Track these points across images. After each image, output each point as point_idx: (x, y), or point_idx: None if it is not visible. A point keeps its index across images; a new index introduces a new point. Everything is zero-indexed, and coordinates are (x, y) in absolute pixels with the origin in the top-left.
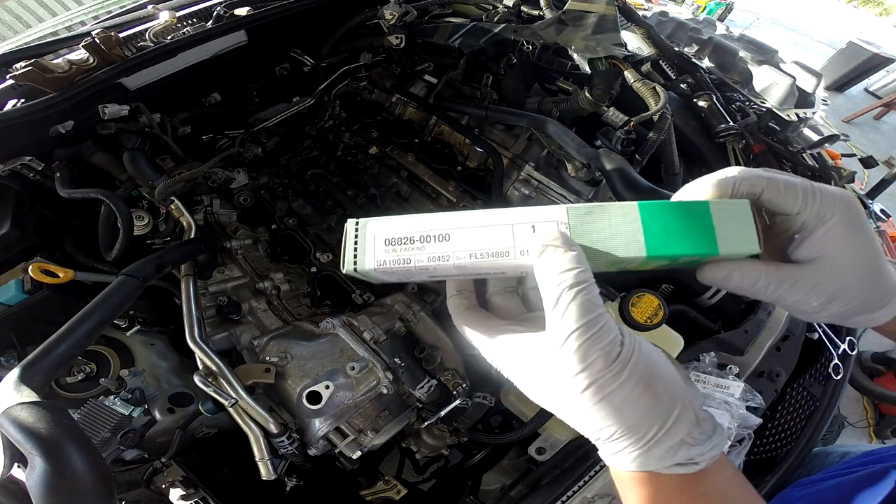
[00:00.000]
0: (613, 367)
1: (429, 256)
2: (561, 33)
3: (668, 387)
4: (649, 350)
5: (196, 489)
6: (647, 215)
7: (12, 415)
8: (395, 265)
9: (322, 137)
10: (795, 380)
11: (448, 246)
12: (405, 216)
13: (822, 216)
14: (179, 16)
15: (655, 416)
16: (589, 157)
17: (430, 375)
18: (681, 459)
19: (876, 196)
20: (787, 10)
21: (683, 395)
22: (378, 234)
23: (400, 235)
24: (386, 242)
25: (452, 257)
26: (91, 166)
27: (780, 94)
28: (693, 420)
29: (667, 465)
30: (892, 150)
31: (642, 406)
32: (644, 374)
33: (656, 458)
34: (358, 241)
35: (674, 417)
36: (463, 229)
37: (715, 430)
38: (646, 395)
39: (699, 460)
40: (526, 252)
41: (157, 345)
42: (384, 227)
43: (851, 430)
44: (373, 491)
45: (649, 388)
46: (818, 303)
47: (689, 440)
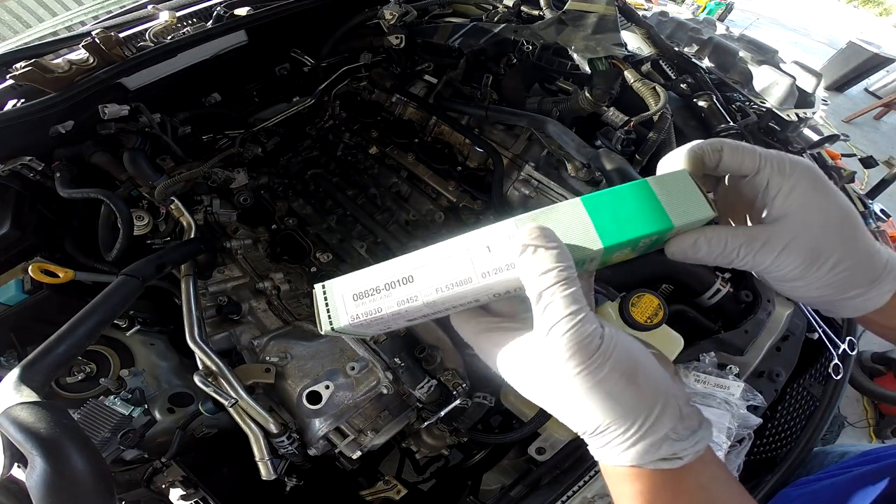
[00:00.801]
0: (595, 358)
1: (398, 301)
2: (561, 33)
3: (651, 381)
4: (630, 345)
5: (196, 489)
6: (592, 207)
7: (12, 415)
8: (368, 316)
9: (322, 137)
10: (795, 380)
11: (413, 287)
12: (367, 269)
13: (783, 172)
14: (179, 16)
15: (639, 410)
16: (589, 157)
17: (430, 375)
18: (664, 454)
19: (876, 196)
20: (787, 10)
21: (667, 390)
22: (345, 291)
23: (365, 288)
24: (354, 297)
25: (420, 296)
26: (91, 166)
27: (780, 94)
28: (677, 415)
29: (650, 460)
30: (892, 150)
31: (626, 399)
32: (626, 368)
33: (640, 452)
34: (329, 302)
35: (657, 412)
36: (423, 267)
37: (700, 424)
38: (629, 389)
39: (683, 455)
40: (488, 274)
41: (157, 345)
42: (349, 284)
43: (851, 430)
44: (373, 491)
45: (632, 382)
46: (797, 263)
47: (673, 435)
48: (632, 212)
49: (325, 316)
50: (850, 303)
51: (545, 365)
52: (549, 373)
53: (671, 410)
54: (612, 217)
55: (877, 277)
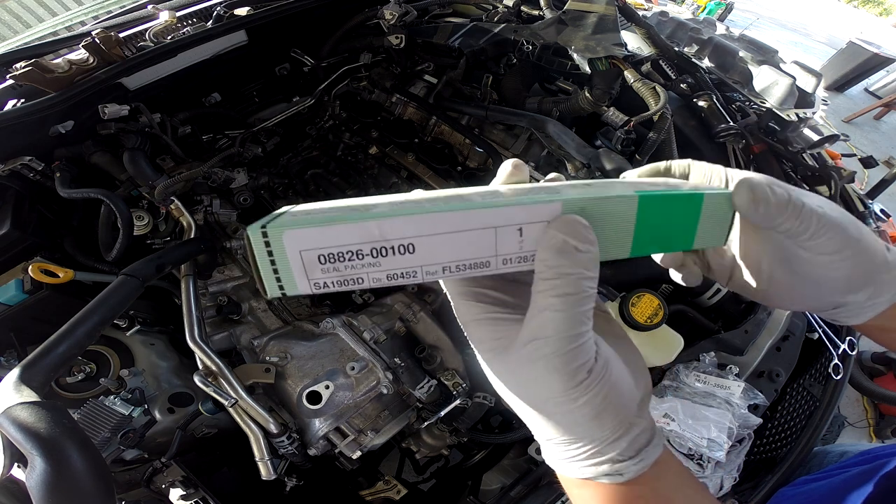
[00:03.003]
0: (574, 391)
1: (388, 274)
2: (561, 33)
3: (619, 414)
4: (616, 376)
5: (196, 489)
6: (644, 210)
7: (12, 415)
8: (339, 286)
9: (322, 137)
10: (795, 380)
11: (412, 259)
12: (337, 211)
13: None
14: (179, 16)
15: (593, 439)
16: (589, 157)
17: (430, 375)
18: (605, 471)
19: (876, 196)
20: (787, 10)
21: (630, 419)
22: (305, 247)
23: (340, 249)
24: (321, 259)
25: (420, 273)
26: (91, 166)
27: (780, 94)
28: (629, 439)
29: (593, 476)
30: (892, 150)
31: (588, 426)
32: (599, 403)
33: (583, 468)
34: (275, 258)
35: (612, 439)
36: (430, 237)
37: (650, 442)
38: (592, 423)
39: (624, 472)
40: (509, 261)
41: (157, 345)
42: (311, 237)
43: (851, 430)
44: (373, 491)
45: (598, 418)
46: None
47: (618, 457)
48: (673, 225)
49: (272, 278)
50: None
51: (528, 375)
52: (529, 383)
53: (627, 437)
54: (653, 226)
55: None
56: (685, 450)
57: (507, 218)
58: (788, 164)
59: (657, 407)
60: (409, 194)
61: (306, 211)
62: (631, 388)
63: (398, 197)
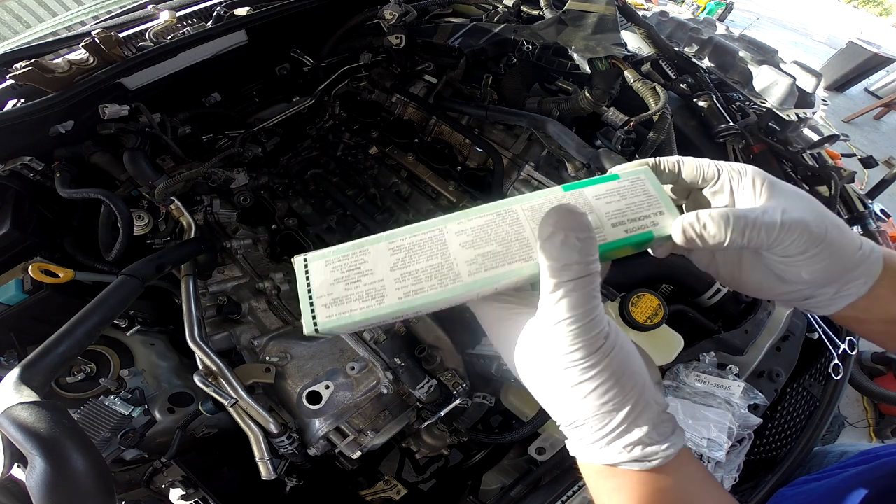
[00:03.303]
0: (594, 356)
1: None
2: (561, 33)
3: (637, 385)
4: (628, 346)
5: (196, 489)
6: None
7: (12, 415)
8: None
9: (322, 137)
10: (795, 380)
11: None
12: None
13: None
14: (179, 16)
15: (619, 411)
16: (589, 157)
17: (430, 375)
18: (636, 456)
19: (876, 196)
20: (787, 10)
21: (649, 395)
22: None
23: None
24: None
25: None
26: (91, 166)
27: (780, 94)
28: (654, 420)
29: (623, 461)
30: (892, 150)
31: (609, 397)
32: (618, 369)
33: (615, 452)
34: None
35: (636, 414)
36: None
37: (674, 431)
38: (615, 389)
39: (653, 458)
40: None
41: (157, 345)
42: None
43: (851, 430)
44: (373, 491)
45: (619, 383)
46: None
47: (647, 439)
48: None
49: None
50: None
51: (545, 352)
52: (546, 360)
53: (649, 415)
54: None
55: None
56: None
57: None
58: (788, 164)
59: None
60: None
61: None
62: (643, 368)
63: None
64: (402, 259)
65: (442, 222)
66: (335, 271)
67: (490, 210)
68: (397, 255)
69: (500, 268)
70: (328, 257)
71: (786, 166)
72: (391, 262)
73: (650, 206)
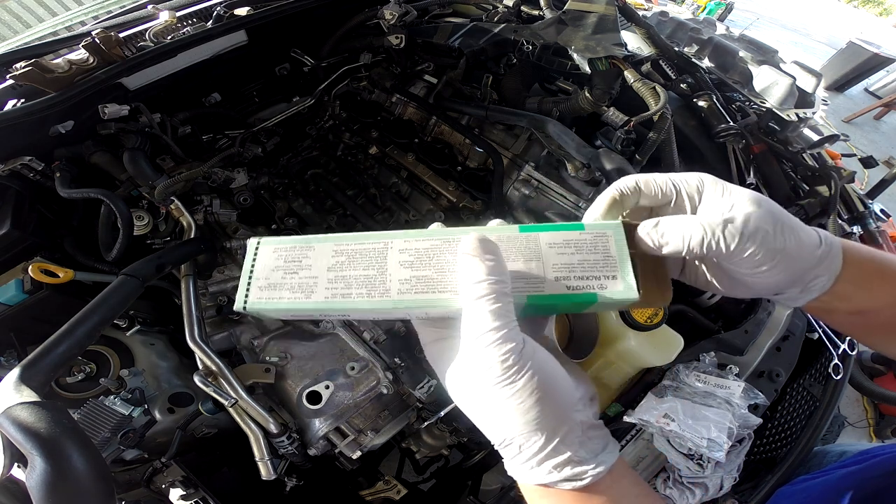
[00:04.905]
0: (510, 375)
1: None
2: (561, 33)
3: (559, 404)
4: (546, 365)
5: (196, 489)
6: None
7: (12, 415)
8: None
9: (322, 137)
10: (795, 380)
11: (347, 314)
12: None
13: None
14: (179, 16)
15: (542, 431)
16: (589, 157)
17: (430, 375)
18: (566, 475)
19: (876, 196)
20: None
21: (572, 414)
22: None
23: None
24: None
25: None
26: (91, 166)
27: (780, 94)
28: (578, 439)
29: (554, 480)
30: (892, 150)
31: (531, 417)
32: (537, 386)
33: (545, 472)
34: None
35: (560, 434)
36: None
37: (605, 447)
38: (535, 408)
39: (584, 477)
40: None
41: (157, 345)
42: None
43: (851, 430)
44: (373, 491)
45: (540, 402)
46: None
47: (575, 458)
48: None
49: (243, 292)
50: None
51: (468, 374)
52: (470, 381)
53: (573, 435)
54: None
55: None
56: (685, 450)
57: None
58: (788, 164)
59: (657, 407)
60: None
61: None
62: (569, 383)
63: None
64: (340, 262)
65: (390, 236)
66: (279, 259)
67: (439, 235)
68: (338, 257)
69: (431, 294)
70: (277, 245)
71: (786, 166)
72: (330, 262)
73: (604, 268)
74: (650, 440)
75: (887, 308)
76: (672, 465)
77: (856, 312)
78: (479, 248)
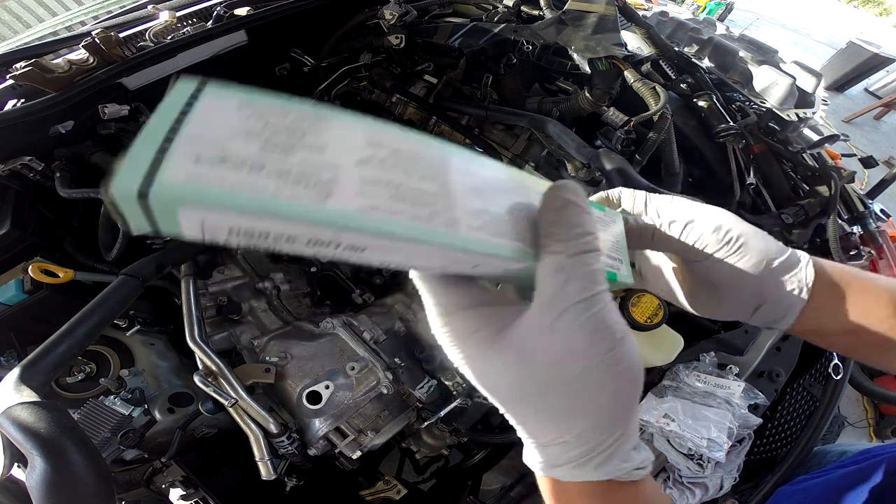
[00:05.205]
0: (617, 350)
1: (315, 252)
2: (561, 33)
3: (635, 394)
4: (635, 348)
5: (196, 489)
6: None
7: (12, 415)
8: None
9: None
10: (795, 380)
11: (357, 255)
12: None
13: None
14: (179, 16)
15: (625, 418)
16: (589, 157)
17: (430, 375)
18: (637, 464)
19: (876, 196)
20: (787, 10)
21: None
22: (209, 223)
23: (263, 232)
24: (230, 231)
25: (360, 259)
26: (91, 166)
27: (780, 94)
28: (635, 429)
29: (625, 471)
30: (892, 150)
31: (625, 403)
32: (625, 372)
33: (617, 463)
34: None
35: (634, 422)
36: (387, 248)
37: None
38: (631, 393)
39: (644, 465)
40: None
41: (157, 345)
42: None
43: (851, 430)
44: (373, 491)
45: (635, 390)
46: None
47: (637, 445)
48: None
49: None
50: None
51: (544, 352)
52: (554, 360)
53: (637, 420)
54: None
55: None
56: (685, 450)
57: (477, 260)
58: (788, 164)
59: (657, 407)
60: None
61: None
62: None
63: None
64: (381, 159)
65: (446, 147)
66: (250, 120)
67: (506, 171)
68: (376, 150)
69: (506, 239)
70: (245, 100)
71: (786, 166)
72: (362, 154)
73: (617, 251)
74: (650, 440)
75: (877, 323)
76: (672, 465)
77: (847, 332)
78: (582, 196)
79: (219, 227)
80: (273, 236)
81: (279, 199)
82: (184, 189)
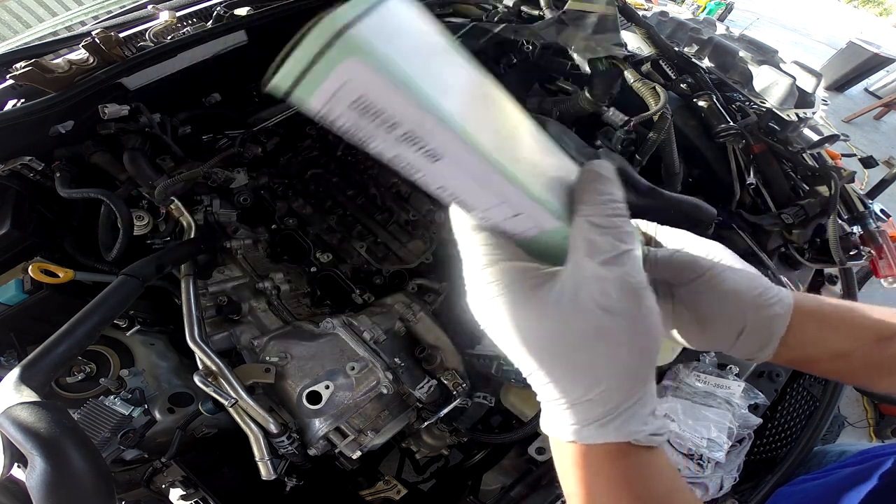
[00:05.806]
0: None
1: (395, 154)
2: (561, 33)
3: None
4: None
5: (196, 489)
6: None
7: (12, 415)
8: (347, 131)
9: (322, 137)
10: (795, 380)
11: (430, 167)
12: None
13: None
14: (179, 16)
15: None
16: (589, 157)
17: (430, 375)
18: (655, 429)
19: (876, 196)
20: (787, 10)
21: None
22: (350, 87)
23: (378, 110)
24: (352, 105)
25: (419, 176)
26: (91, 166)
27: (780, 94)
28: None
29: (644, 434)
30: (892, 150)
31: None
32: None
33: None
34: (312, 70)
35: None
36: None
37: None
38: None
39: (663, 431)
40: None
41: (157, 345)
42: (366, 83)
43: (851, 430)
44: (373, 491)
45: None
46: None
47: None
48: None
49: (292, 76)
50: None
51: (581, 304)
52: (585, 313)
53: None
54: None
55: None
56: (685, 450)
57: (523, 208)
58: (788, 164)
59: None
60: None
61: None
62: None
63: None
64: (481, 94)
65: (522, 111)
66: (428, 31)
67: (556, 147)
68: (478, 89)
69: (551, 195)
70: (424, 13)
71: (786, 166)
72: (469, 85)
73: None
74: None
75: (861, 347)
76: None
77: (832, 358)
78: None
79: (350, 95)
80: (382, 119)
81: (420, 81)
82: (370, 41)
